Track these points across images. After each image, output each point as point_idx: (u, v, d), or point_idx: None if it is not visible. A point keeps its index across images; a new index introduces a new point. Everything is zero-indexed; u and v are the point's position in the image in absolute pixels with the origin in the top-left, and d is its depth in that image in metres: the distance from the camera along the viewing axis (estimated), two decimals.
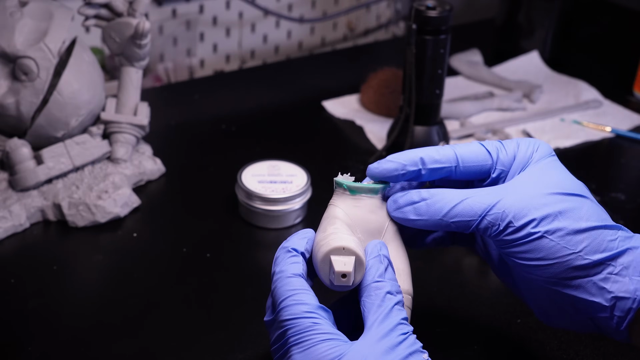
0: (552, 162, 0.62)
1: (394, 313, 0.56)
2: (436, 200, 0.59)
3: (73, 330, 0.76)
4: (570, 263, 0.57)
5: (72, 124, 0.92)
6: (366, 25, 1.52)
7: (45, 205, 0.90)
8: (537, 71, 1.31)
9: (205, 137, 1.10)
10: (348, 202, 0.62)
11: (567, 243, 0.57)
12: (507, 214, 0.57)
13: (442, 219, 0.59)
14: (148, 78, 1.29)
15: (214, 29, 1.37)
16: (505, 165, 0.62)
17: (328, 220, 0.61)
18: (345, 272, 0.57)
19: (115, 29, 0.96)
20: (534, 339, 0.77)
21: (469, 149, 0.62)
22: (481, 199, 0.58)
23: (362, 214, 0.61)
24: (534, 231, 0.57)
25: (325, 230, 0.60)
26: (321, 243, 0.59)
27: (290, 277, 0.58)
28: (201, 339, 0.76)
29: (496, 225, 0.58)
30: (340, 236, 0.59)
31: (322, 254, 0.58)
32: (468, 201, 0.59)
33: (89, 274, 0.85)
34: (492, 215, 0.58)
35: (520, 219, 0.57)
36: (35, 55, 0.89)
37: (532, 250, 0.57)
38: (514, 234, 0.58)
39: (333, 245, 0.58)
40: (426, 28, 0.96)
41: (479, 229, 0.59)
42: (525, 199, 0.58)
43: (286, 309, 0.57)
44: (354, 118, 1.16)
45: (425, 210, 0.59)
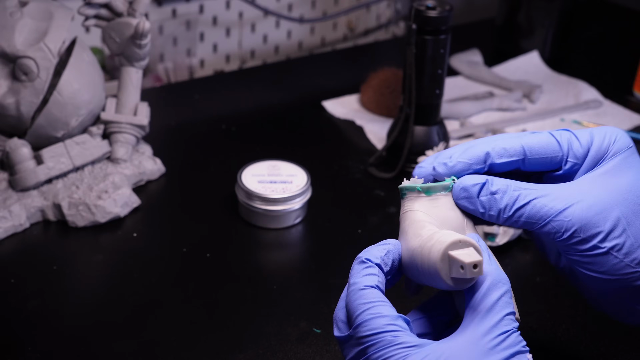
0: (629, 158, 0.58)
1: (498, 307, 0.53)
2: (503, 197, 0.57)
3: (73, 330, 0.76)
4: (634, 282, 0.56)
5: (72, 124, 0.92)
6: (366, 25, 1.52)
7: (45, 205, 0.90)
8: (537, 71, 1.31)
9: (205, 137, 1.10)
10: (426, 204, 0.59)
11: (633, 261, 0.55)
12: (574, 223, 0.55)
13: (508, 216, 0.57)
14: (148, 78, 1.29)
15: (214, 29, 1.37)
16: (578, 159, 0.59)
17: (416, 224, 0.58)
18: (476, 261, 0.52)
19: (115, 29, 0.96)
20: (535, 339, 0.77)
21: (538, 139, 0.59)
22: (549, 203, 0.56)
23: (443, 213, 0.58)
24: (600, 246, 0.55)
25: (421, 235, 0.56)
26: (428, 245, 0.55)
27: (364, 289, 0.54)
28: (201, 338, 0.76)
29: (560, 233, 0.56)
30: (446, 232, 0.55)
31: (439, 252, 0.53)
32: (535, 202, 0.56)
33: (89, 274, 0.85)
34: (557, 222, 0.56)
35: (587, 231, 0.55)
36: (35, 55, 0.89)
37: (595, 263, 0.56)
38: (579, 244, 0.56)
39: (448, 240, 0.54)
40: (426, 28, 0.96)
41: (542, 231, 0.57)
42: (595, 208, 0.55)
43: (364, 324, 0.53)
44: (354, 118, 1.16)
45: (492, 206, 0.57)
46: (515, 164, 0.59)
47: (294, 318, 0.78)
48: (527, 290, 0.84)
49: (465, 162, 0.59)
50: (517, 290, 0.83)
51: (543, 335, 0.77)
